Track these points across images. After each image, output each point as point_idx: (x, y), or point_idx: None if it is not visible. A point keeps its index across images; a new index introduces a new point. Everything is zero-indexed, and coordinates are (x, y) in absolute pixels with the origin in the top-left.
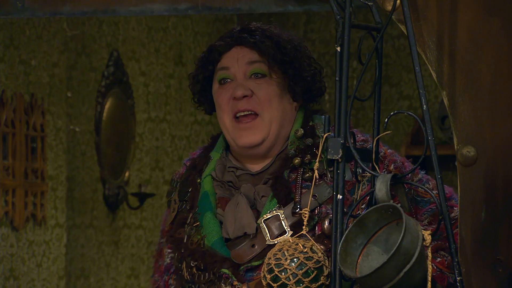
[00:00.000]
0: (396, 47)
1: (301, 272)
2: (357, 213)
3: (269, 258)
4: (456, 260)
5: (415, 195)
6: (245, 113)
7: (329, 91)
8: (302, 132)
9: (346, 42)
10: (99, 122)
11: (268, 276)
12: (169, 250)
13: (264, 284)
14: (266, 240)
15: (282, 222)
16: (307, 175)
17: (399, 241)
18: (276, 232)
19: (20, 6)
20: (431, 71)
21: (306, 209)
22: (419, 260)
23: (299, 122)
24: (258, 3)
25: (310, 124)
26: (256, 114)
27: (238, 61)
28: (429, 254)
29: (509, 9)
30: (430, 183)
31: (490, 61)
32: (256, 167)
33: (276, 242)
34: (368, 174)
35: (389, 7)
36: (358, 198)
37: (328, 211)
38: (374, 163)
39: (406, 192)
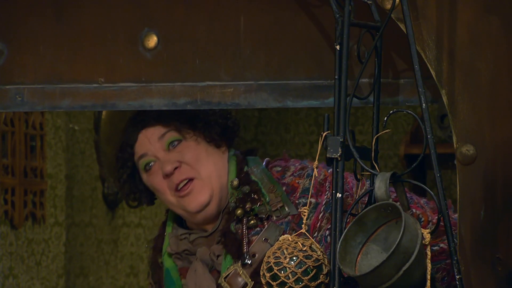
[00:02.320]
0: None
1: (300, 270)
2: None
3: (268, 257)
4: (456, 258)
5: None
6: (184, 182)
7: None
8: (237, 182)
9: (345, 40)
10: (98, 121)
11: (267, 275)
12: None
13: (263, 283)
14: None
15: (242, 275)
16: (252, 222)
17: (398, 240)
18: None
19: (20, 100)
20: (430, 70)
21: (305, 207)
22: (418, 258)
23: (233, 171)
24: (256, 98)
25: (245, 170)
26: (193, 178)
27: (150, 142)
28: (428, 253)
29: (508, 8)
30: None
31: (490, 59)
32: (209, 228)
33: None
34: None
35: (388, 6)
36: (357, 197)
37: None
38: (374, 162)
39: (405, 190)
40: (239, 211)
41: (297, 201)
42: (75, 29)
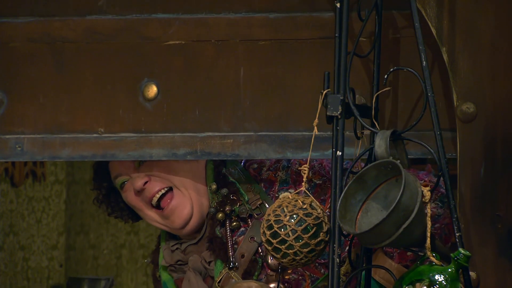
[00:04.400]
0: None
1: (300, 228)
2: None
3: (269, 215)
4: (456, 216)
5: None
6: (160, 194)
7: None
8: (215, 186)
9: None
10: None
11: (268, 232)
12: None
13: (264, 241)
14: None
15: (234, 277)
16: (234, 224)
17: (398, 197)
18: None
19: (19, 149)
20: (431, 27)
21: (305, 165)
22: (418, 216)
23: (211, 175)
24: (256, 149)
25: (222, 172)
26: (169, 187)
27: (121, 162)
28: (428, 210)
29: None
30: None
31: (490, 17)
32: (197, 235)
33: None
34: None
35: None
36: (357, 155)
37: None
38: (374, 120)
39: (405, 148)
40: (220, 215)
41: (276, 195)
42: (75, 79)
